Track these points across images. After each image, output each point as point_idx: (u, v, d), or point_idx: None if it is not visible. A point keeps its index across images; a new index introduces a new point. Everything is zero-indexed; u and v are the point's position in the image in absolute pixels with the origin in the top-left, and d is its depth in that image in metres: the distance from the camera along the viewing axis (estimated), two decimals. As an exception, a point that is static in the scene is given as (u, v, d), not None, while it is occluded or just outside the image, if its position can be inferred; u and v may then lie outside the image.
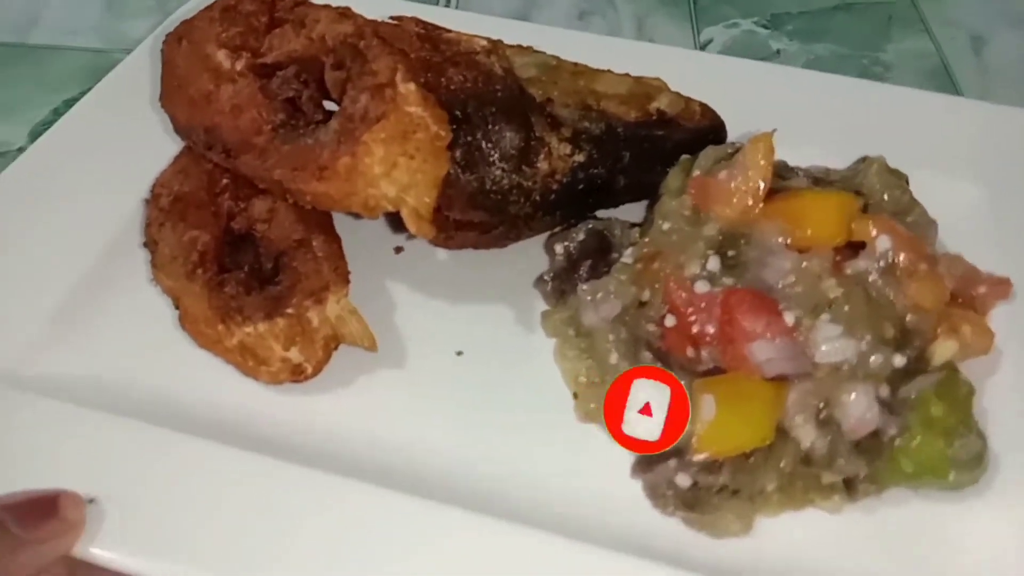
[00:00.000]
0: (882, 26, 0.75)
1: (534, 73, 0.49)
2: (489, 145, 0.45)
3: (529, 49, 0.52)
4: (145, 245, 0.46)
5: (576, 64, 0.51)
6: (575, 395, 0.44)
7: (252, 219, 0.45)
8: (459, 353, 0.46)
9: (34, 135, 0.60)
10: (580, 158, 0.47)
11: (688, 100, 0.51)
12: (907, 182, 0.50)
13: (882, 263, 0.42)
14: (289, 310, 0.41)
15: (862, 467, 0.38)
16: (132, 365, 0.43)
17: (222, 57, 0.44)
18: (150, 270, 0.45)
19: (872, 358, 0.40)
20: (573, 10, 0.75)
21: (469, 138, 0.45)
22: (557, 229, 0.50)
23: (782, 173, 0.48)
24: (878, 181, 0.48)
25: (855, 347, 0.40)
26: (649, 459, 0.41)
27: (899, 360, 0.40)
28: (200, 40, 0.45)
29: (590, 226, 0.49)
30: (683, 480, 0.39)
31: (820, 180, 0.49)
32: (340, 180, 0.40)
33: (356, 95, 0.40)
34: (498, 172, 0.45)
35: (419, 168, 0.40)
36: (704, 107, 0.52)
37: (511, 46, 0.51)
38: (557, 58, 0.52)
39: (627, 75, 0.52)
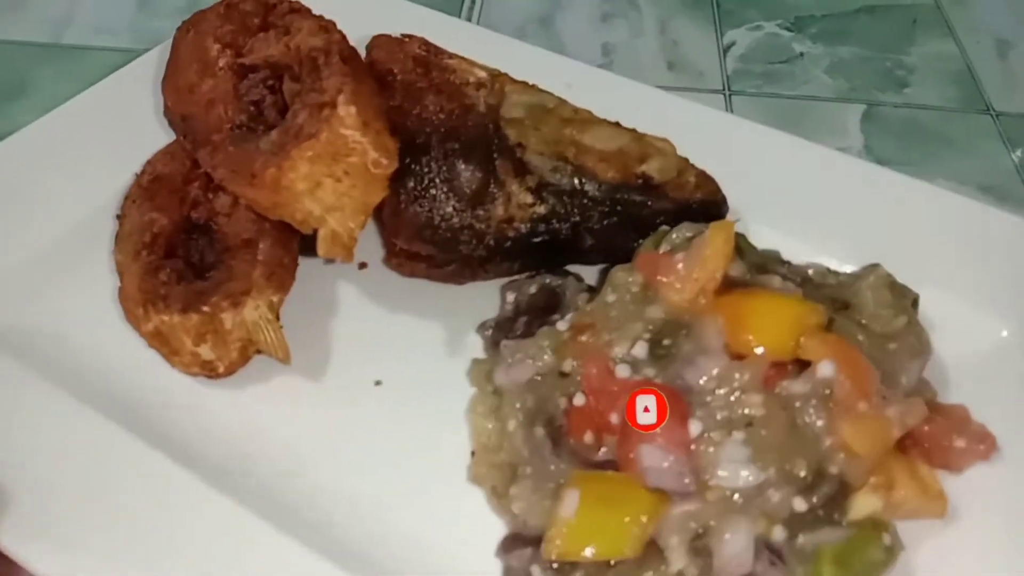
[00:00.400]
0: (906, 29, 0.75)
1: (519, 114, 0.47)
2: (444, 180, 0.44)
3: (534, 88, 0.50)
4: (118, 217, 0.48)
5: (577, 111, 0.49)
6: (472, 453, 0.42)
7: (213, 211, 0.46)
8: (378, 383, 0.45)
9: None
10: (541, 210, 0.45)
11: (686, 169, 0.48)
12: (914, 303, 0.44)
13: (820, 391, 0.37)
14: (205, 308, 0.42)
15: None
16: (68, 328, 0.45)
17: (214, 51, 0.46)
18: (115, 243, 0.47)
19: (771, 494, 0.35)
20: (596, 12, 0.75)
21: (425, 169, 0.43)
22: (518, 276, 0.48)
23: (766, 265, 0.44)
24: (871, 296, 0.43)
25: (756, 477, 0.35)
26: (514, 540, 0.38)
27: (800, 504, 0.35)
28: (203, 32, 0.47)
29: (546, 281, 0.46)
30: (536, 573, 0.36)
31: (806, 281, 0.44)
32: (267, 190, 0.40)
33: (298, 110, 0.40)
34: (449, 209, 0.44)
35: (346, 192, 0.40)
36: (703, 178, 0.48)
37: (515, 81, 0.50)
38: (560, 101, 0.49)
39: (631, 130, 0.49)
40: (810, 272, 0.46)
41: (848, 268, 0.46)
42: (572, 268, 0.48)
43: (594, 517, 0.35)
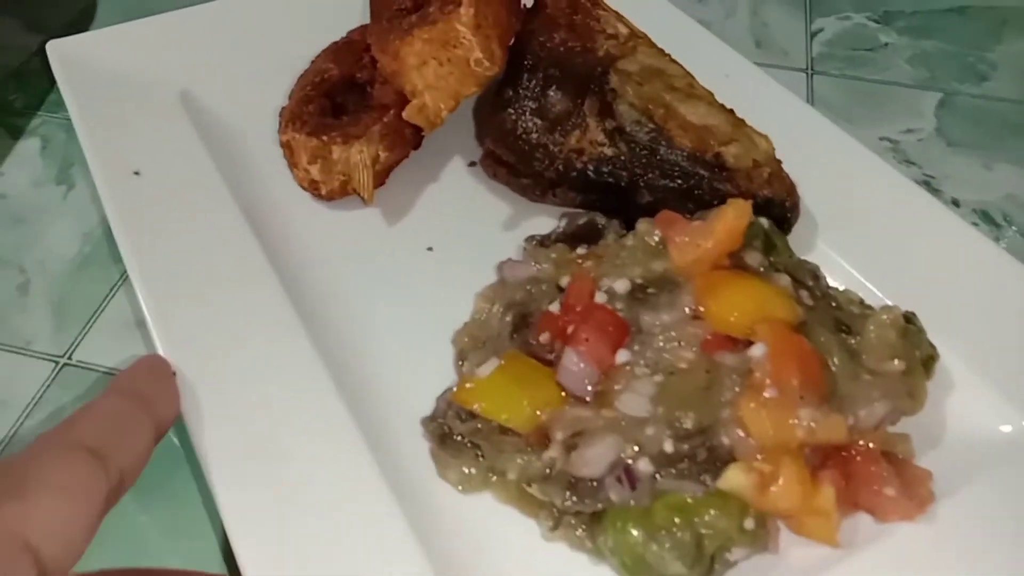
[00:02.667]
0: (995, 28, 0.76)
1: (633, 69, 0.51)
2: (535, 98, 0.50)
3: (667, 57, 0.54)
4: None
5: (693, 86, 0.52)
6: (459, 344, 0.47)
7: (373, 77, 0.57)
8: (429, 248, 0.53)
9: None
10: (608, 152, 0.50)
11: (767, 164, 0.49)
12: (928, 360, 0.43)
13: (744, 368, 0.38)
14: (324, 137, 0.52)
15: (568, 504, 0.38)
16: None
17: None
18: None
19: (648, 428, 0.38)
20: (693, -9, 0.79)
21: (524, 83, 0.50)
22: (578, 211, 0.53)
23: (794, 271, 0.45)
24: (874, 332, 0.42)
25: (647, 412, 0.38)
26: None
27: (669, 447, 0.37)
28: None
29: (596, 218, 0.51)
30: (450, 413, 0.42)
31: (825, 297, 0.45)
32: (390, 58, 0.49)
33: (434, 2, 0.49)
34: (531, 124, 0.50)
35: (444, 76, 0.48)
36: (779, 178, 0.49)
37: (654, 47, 0.54)
38: (685, 75, 0.53)
39: (732, 115, 0.51)
40: (836, 294, 0.46)
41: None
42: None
43: (502, 385, 0.41)
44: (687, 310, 0.42)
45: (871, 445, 0.40)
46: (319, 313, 0.48)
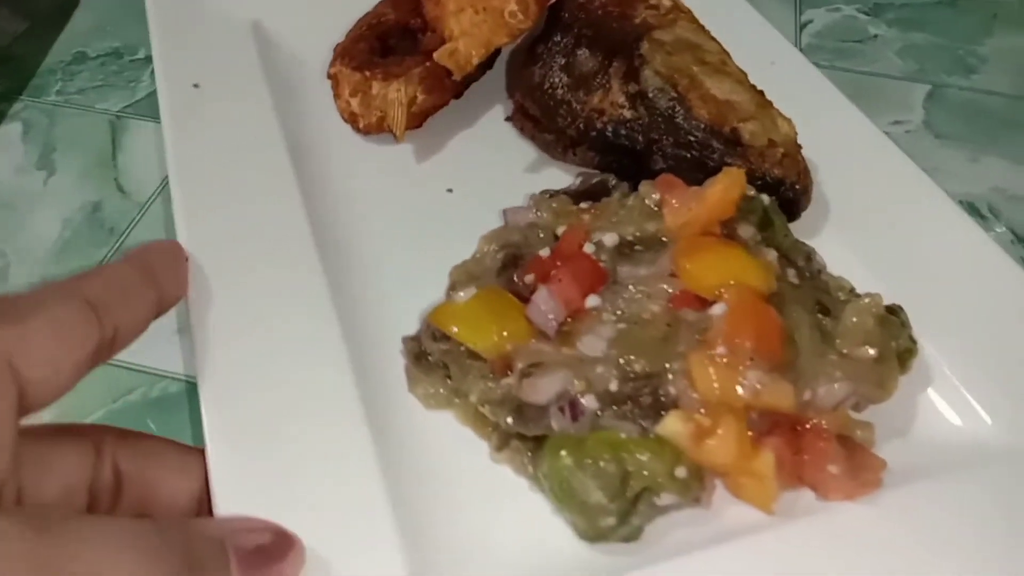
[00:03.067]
0: (985, 22, 0.76)
1: (667, 39, 0.52)
2: (564, 55, 0.52)
3: (705, 33, 0.55)
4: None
5: (726, 63, 0.53)
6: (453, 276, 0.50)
7: (425, 25, 0.60)
8: (449, 190, 0.55)
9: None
10: (627, 114, 0.51)
11: (783, 145, 0.49)
12: (905, 354, 0.43)
13: (701, 326, 0.39)
14: (367, 72, 0.56)
15: (511, 425, 0.40)
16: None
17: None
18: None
19: (598, 367, 0.39)
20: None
21: (556, 40, 0.52)
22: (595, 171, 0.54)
23: (787, 251, 0.46)
24: (853, 317, 0.42)
25: (603, 354, 0.40)
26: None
27: (614, 385, 0.39)
28: None
29: (608, 178, 0.52)
30: (426, 330, 0.45)
31: (813, 278, 0.45)
32: (433, 3, 0.52)
33: (481, -45, 0.51)
34: (557, 80, 0.52)
35: (478, 24, 0.50)
36: (793, 161, 0.49)
37: (695, 22, 0.55)
38: (719, 52, 0.53)
39: (760, 95, 0.52)
40: (827, 280, 0.46)
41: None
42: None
43: (476, 312, 0.43)
44: (665, 268, 0.43)
45: (825, 424, 0.40)
46: (332, 232, 0.51)
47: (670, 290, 0.41)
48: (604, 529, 0.37)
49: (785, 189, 0.49)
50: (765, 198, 0.47)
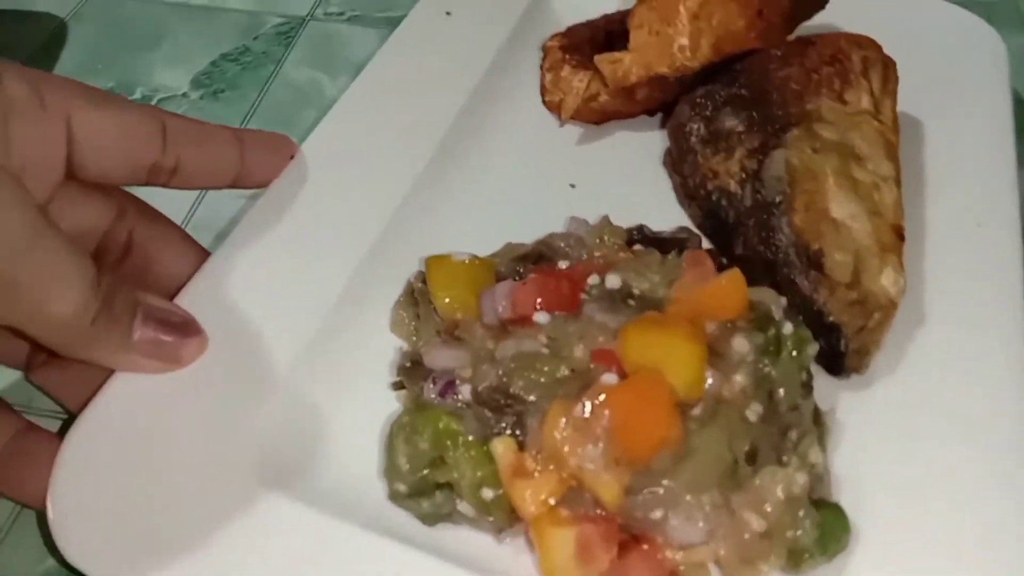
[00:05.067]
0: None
1: (826, 136, 0.48)
2: (711, 106, 0.50)
3: (888, 150, 0.48)
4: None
5: (878, 186, 0.47)
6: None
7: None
8: (572, 185, 0.57)
9: (195, 83, 0.69)
10: (733, 187, 0.48)
11: (862, 297, 0.43)
12: (795, 558, 0.37)
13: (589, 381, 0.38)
14: (567, 54, 0.59)
15: (400, 373, 0.43)
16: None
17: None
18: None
19: (487, 366, 0.40)
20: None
21: (712, 88, 0.51)
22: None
23: (773, 389, 0.41)
24: (759, 481, 0.38)
25: (504, 360, 0.41)
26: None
27: (487, 390, 0.40)
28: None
29: (694, 238, 0.50)
30: (417, 275, 0.49)
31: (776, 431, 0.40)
32: (631, 14, 0.53)
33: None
34: (696, 126, 0.51)
35: (649, 44, 0.51)
36: (862, 318, 0.43)
37: (879, 137, 0.49)
38: (888, 174, 0.47)
39: (895, 236, 0.45)
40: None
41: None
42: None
43: (457, 274, 0.45)
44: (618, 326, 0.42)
45: (668, 555, 0.37)
46: (447, 162, 0.55)
47: (600, 344, 0.40)
48: (396, 492, 0.40)
49: (836, 339, 0.43)
50: (789, 326, 0.42)
